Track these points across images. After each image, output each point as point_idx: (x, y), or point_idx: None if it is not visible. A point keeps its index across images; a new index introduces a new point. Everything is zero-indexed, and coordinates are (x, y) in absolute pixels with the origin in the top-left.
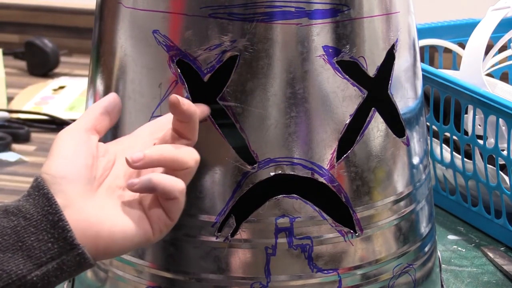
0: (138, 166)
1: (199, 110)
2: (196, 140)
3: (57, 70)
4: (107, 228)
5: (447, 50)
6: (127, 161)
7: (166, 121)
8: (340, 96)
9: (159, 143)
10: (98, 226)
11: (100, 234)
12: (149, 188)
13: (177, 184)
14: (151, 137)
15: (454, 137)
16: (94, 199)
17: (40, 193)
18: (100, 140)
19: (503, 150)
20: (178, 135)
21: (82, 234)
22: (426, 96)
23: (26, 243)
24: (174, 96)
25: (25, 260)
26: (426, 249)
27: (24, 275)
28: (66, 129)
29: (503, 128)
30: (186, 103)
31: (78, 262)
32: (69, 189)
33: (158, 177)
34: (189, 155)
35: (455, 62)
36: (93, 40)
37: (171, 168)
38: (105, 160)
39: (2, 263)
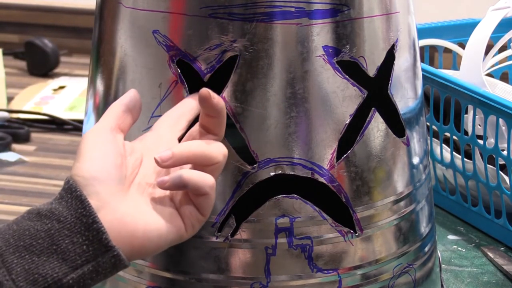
0: (167, 165)
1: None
2: (223, 135)
3: (57, 70)
4: (141, 227)
5: (447, 50)
6: (156, 161)
7: (181, 113)
8: (340, 96)
9: (186, 139)
10: (133, 226)
11: (135, 233)
12: (180, 185)
13: (207, 180)
14: (172, 131)
15: (454, 137)
16: (127, 198)
17: (73, 196)
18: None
19: (503, 150)
20: (206, 131)
21: (118, 234)
22: (426, 96)
23: (60, 246)
24: (205, 90)
25: (60, 263)
26: (426, 249)
27: (59, 278)
28: (91, 130)
29: (503, 128)
30: (216, 97)
31: (114, 264)
32: (101, 190)
33: (188, 173)
34: (218, 150)
35: (455, 62)
36: (93, 40)
37: (200, 164)
38: (133, 159)
39: (37, 266)
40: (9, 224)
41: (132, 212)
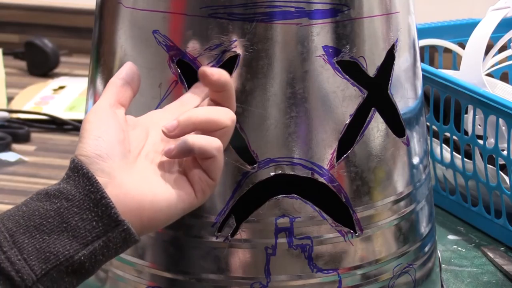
0: (175, 134)
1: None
2: (235, 108)
3: (57, 70)
4: (149, 198)
5: (447, 50)
6: (163, 132)
7: (191, 95)
8: (340, 96)
9: None
10: (140, 197)
11: (143, 205)
12: (186, 150)
13: (213, 142)
14: (182, 108)
15: (454, 137)
16: (134, 171)
17: (80, 174)
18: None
19: (503, 150)
20: (216, 105)
21: (125, 208)
22: (426, 96)
23: (70, 223)
24: (201, 69)
25: (71, 240)
26: (426, 249)
27: (71, 255)
28: (91, 110)
29: (503, 128)
30: (216, 73)
31: (124, 238)
32: (106, 167)
33: (193, 138)
34: (225, 115)
35: (455, 62)
36: (93, 40)
37: (208, 130)
38: (138, 132)
39: (48, 245)
40: (18, 206)
41: (139, 185)
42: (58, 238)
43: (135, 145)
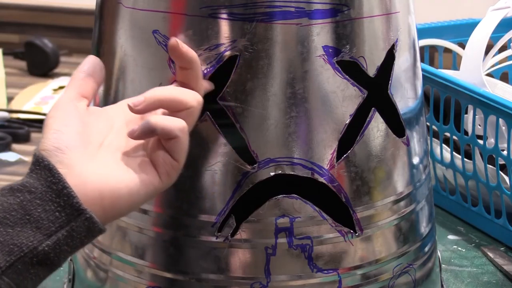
0: (140, 109)
1: (207, 86)
2: (202, 92)
3: (57, 70)
4: (110, 186)
5: (447, 50)
6: (129, 107)
7: (171, 87)
8: (340, 96)
9: None
10: (100, 186)
11: (103, 193)
12: (149, 130)
13: (176, 122)
14: None
15: (454, 137)
16: (94, 161)
17: (41, 166)
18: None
19: (503, 150)
20: (183, 86)
21: (86, 197)
22: (426, 96)
23: (33, 215)
24: (173, 39)
25: (35, 232)
26: (426, 249)
27: (35, 246)
28: (53, 106)
29: (503, 128)
30: (185, 47)
31: (87, 227)
32: (65, 158)
33: (156, 118)
34: (191, 95)
35: (455, 62)
36: (93, 40)
37: (173, 109)
38: (101, 123)
39: (12, 237)
40: None
41: (99, 174)
42: (22, 230)
43: (97, 135)
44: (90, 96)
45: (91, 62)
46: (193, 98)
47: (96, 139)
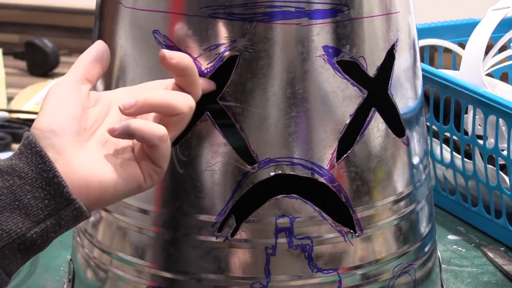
0: (130, 112)
1: (208, 86)
2: (199, 95)
3: (57, 70)
4: (96, 179)
5: (447, 50)
6: (120, 109)
7: (164, 91)
8: (340, 96)
9: None
10: (88, 177)
11: (90, 184)
12: (128, 134)
13: (156, 131)
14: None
15: (454, 137)
16: (85, 150)
17: (33, 151)
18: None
19: (503, 150)
20: (181, 90)
21: (73, 185)
22: (426, 96)
23: (23, 201)
24: (161, 52)
25: (23, 218)
26: (426, 249)
27: (23, 233)
28: (56, 83)
29: (503, 128)
30: (176, 57)
31: (75, 216)
32: (57, 142)
33: (137, 123)
34: (183, 101)
35: (455, 62)
36: (93, 40)
37: (164, 114)
38: (98, 110)
39: (1, 223)
40: None
41: (88, 163)
42: (11, 216)
43: (92, 122)
44: (94, 81)
45: (99, 47)
46: (184, 104)
47: (91, 127)
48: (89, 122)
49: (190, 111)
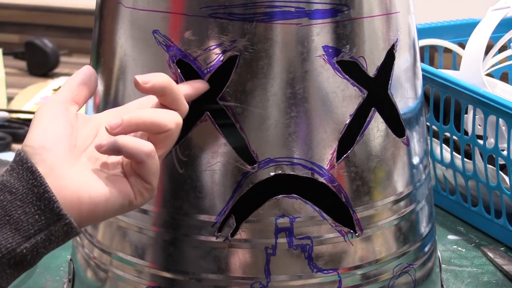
0: (116, 132)
1: (194, 87)
2: (185, 110)
3: (57, 70)
4: (88, 194)
5: (447, 50)
6: (106, 129)
7: (150, 110)
8: (340, 96)
9: None
10: (79, 192)
11: (82, 200)
12: (115, 150)
13: (143, 148)
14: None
15: (454, 137)
16: (76, 166)
17: (24, 167)
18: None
19: (503, 150)
20: (166, 108)
21: (64, 200)
22: (426, 96)
23: (13, 216)
24: (134, 77)
25: (14, 233)
26: (426, 249)
27: (13, 248)
28: (44, 103)
29: (503, 128)
30: (150, 80)
31: (66, 231)
32: (49, 158)
33: (124, 139)
34: (169, 118)
35: (455, 62)
36: (93, 40)
37: (151, 132)
38: (87, 129)
39: None
40: None
41: (79, 179)
42: (1, 231)
43: (82, 141)
44: (81, 103)
45: (86, 72)
46: (171, 121)
47: (80, 145)
48: (78, 141)
49: (177, 127)
